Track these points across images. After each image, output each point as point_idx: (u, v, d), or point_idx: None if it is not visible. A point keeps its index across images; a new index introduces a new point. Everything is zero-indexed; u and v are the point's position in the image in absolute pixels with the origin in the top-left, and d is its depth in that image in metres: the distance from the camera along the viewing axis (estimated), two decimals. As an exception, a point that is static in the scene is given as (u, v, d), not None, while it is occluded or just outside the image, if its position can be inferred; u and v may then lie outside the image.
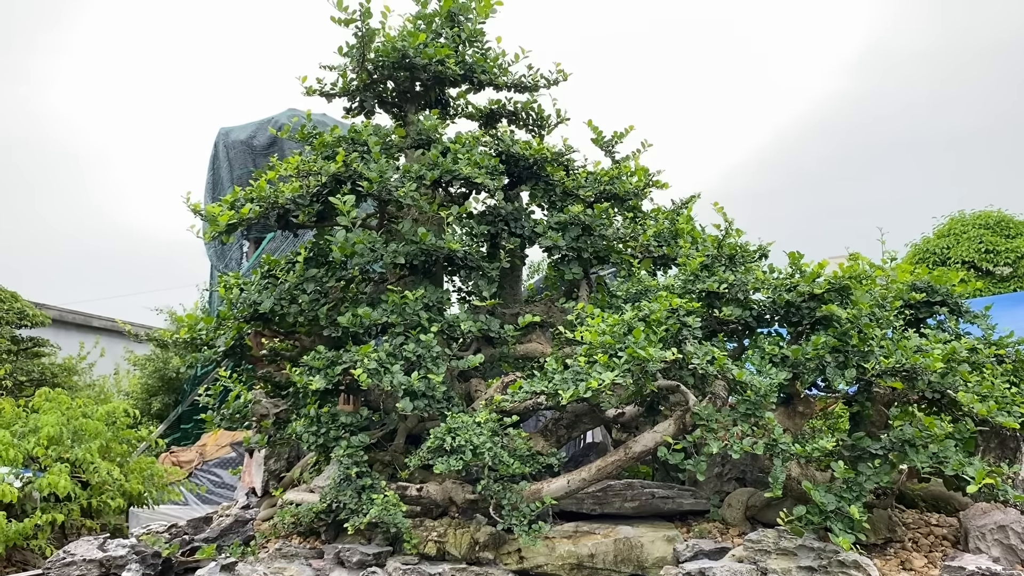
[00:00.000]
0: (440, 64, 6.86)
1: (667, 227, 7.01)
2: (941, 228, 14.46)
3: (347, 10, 6.58)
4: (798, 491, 5.24)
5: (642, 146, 7.46)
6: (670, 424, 5.49)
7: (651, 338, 5.20)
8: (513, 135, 7.29)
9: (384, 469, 6.27)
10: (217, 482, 12.00)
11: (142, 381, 15.97)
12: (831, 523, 4.85)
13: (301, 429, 6.07)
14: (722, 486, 6.18)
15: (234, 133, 15.80)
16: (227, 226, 6.36)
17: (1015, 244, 13.27)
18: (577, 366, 5.40)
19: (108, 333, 20.20)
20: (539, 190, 7.07)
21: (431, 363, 5.85)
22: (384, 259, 6.15)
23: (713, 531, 5.66)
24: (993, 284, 13.09)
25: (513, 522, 5.28)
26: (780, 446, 4.91)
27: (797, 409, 5.77)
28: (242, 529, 6.58)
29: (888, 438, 5.15)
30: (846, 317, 5.39)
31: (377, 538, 5.70)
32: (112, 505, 8.57)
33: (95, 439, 8.76)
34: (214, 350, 6.92)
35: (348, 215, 6.02)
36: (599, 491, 5.91)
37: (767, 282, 5.86)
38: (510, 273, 7.23)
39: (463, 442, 5.35)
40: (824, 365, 5.38)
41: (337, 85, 7.19)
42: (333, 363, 5.93)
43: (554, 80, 7.49)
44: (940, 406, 5.71)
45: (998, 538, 5.13)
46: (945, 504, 6.30)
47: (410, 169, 6.45)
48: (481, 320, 6.41)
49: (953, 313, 6.33)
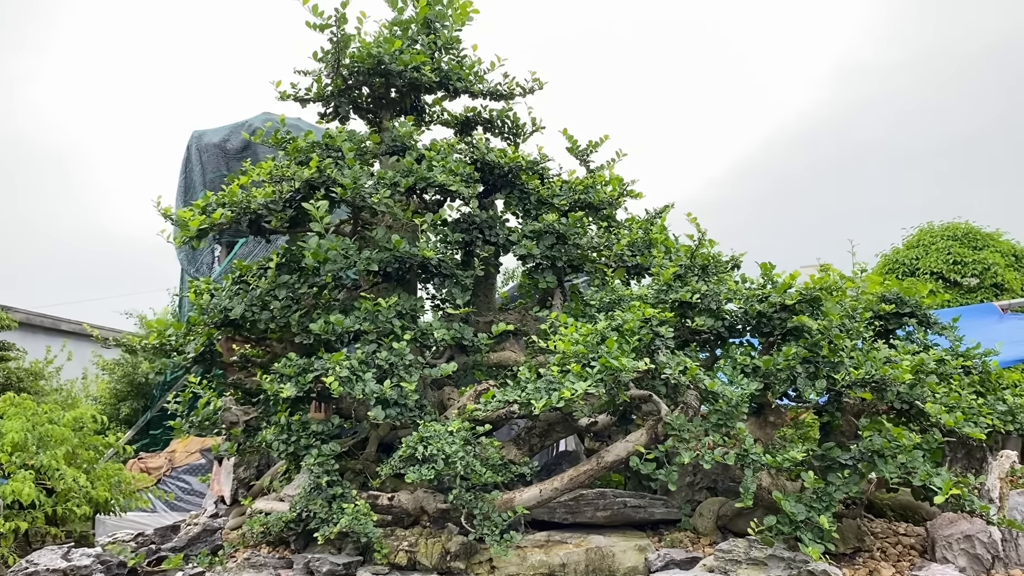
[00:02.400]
0: (416, 71, 6.85)
1: (641, 237, 7.04)
2: (910, 239, 14.63)
3: (322, 15, 6.56)
4: (768, 501, 5.27)
5: (617, 155, 7.53)
6: (642, 434, 5.51)
7: (624, 348, 5.21)
8: (488, 143, 7.30)
9: (355, 478, 6.22)
10: (186, 489, 11.81)
11: (111, 386, 15.71)
12: (801, 533, 4.89)
13: (271, 437, 5.99)
14: (693, 495, 6.20)
15: (207, 136, 15.56)
16: (198, 231, 6.28)
17: (982, 256, 13.46)
18: (550, 375, 5.39)
19: (76, 336, 19.86)
20: (514, 198, 7.08)
21: (404, 371, 5.82)
22: (358, 266, 6.12)
23: (684, 540, 5.68)
24: (961, 295, 13.26)
25: (485, 532, 5.26)
26: (751, 456, 4.94)
27: (768, 419, 5.81)
28: (210, 538, 6.49)
29: (857, 448, 5.20)
30: (817, 328, 5.44)
31: (347, 547, 5.65)
32: (78, 512, 8.41)
33: (61, 445, 8.59)
34: (184, 356, 6.84)
35: (321, 221, 5.98)
36: (571, 500, 5.91)
37: (739, 293, 5.90)
38: (484, 281, 7.23)
39: (435, 451, 5.32)
40: (795, 376, 5.43)
41: (312, 90, 7.15)
42: (305, 370, 5.88)
43: (529, 88, 7.52)
44: (908, 416, 5.79)
45: (964, 547, 5.21)
46: (913, 514, 6.37)
47: (385, 176, 6.42)
48: (455, 328, 6.39)
49: (921, 324, 6.42)
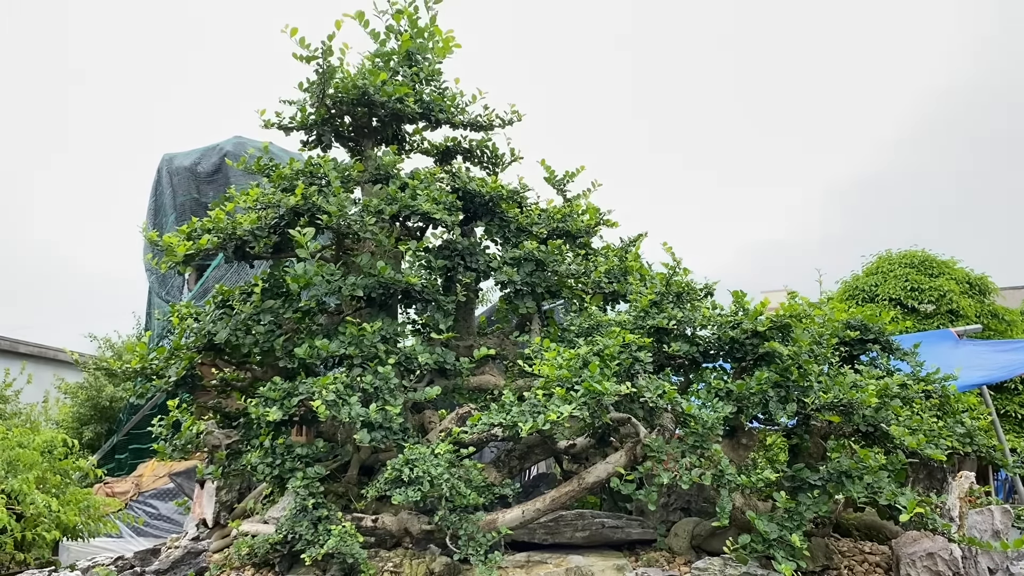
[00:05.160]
0: (399, 102, 7.03)
1: (617, 264, 7.26)
2: (869, 266, 15.08)
3: (309, 47, 6.72)
4: (742, 520, 5.46)
5: (592, 186, 7.76)
6: (622, 455, 5.68)
7: (606, 372, 5.40)
8: (469, 172, 7.48)
9: (338, 500, 6.30)
10: (153, 514, 11.69)
11: (74, 410, 15.48)
12: (774, 551, 5.08)
13: (256, 460, 6.06)
14: (668, 516, 6.38)
15: (178, 159, 15.56)
16: (185, 256, 6.37)
17: (938, 283, 13.93)
18: (534, 399, 5.55)
19: (36, 359, 19.58)
20: (494, 226, 7.27)
21: (389, 395, 5.94)
22: (343, 291, 6.24)
23: (660, 560, 5.85)
24: (918, 320, 13.70)
25: (469, 552, 5.38)
26: (727, 477, 5.13)
27: (741, 441, 6.02)
28: (194, 561, 6.50)
29: (826, 469, 5.43)
30: (787, 354, 5.67)
31: (332, 569, 5.72)
32: (48, 538, 8.34)
33: (31, 470, 8.53)
34: (165, 380, 6.87)
35: (307, 247, 6.10)
36: (551, 521, 6.05)
37: (713, 319, 6.13)
38: (464, 306, 7.38)
39: (421, 473, 5.43)
40: (767, 399, 5.65)
41: (295, 119, 7.28)
42: (290, 394, 5.97)
43: (509, 120, 7.73)
44: (873, 439, 6.03)
45: (927, 565, 5.43)
46: (878, 533, 6.61)
47: (369, 203, 6.57)
48: (437, 352, 6.53)
49: (884, 350, 6.70)
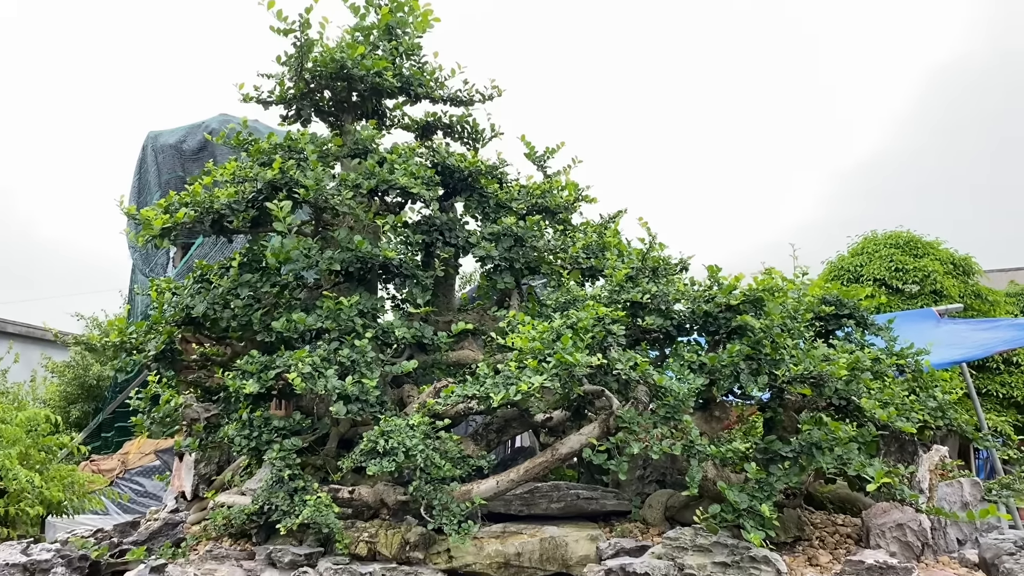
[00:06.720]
0: (378, 76, 7.02)
1: (595, 240, 7.29)
2: (855, 247, 15.15)
3: (287, 20, 6.70)
4: (714, 491, 5.53)
5: (572, 162, 7.77)
6: (595, 427, 5.74)
7: (578, 344, 5.44)
8: (448, 147, 7.49)
9: (316, 473, 6.34)
10: (139, 491, 11.75)
11: (60, 388, 15.52)
12: (744, 521, 5.15)
13: (233, 433, 6.10)
14: (643, 488, 6.45)
15: (163, 137, 15.49)
16: (161, 230, 6.38)
17: (922, 263, 14.01)
18: (508, 371, 5.59)
19: (23, 339, 19.57)
20: (473, 201, 7.29)
21: (365, 368, 5.97)
22: (320, 266, 6.26)
23: (634, 530, 5.92)
24: (902, 301, 13.78)
25: (444, 522, 5.44)
26: (697, 447, 5.20)
27: (714, 414, 6.08)
28: (172, 532, 6.55)
29: (798, 441, 5.49)
30: (760, 327, 5.72)
31: (308, 539, 5.78)
32: (31, 513, 8.38)
33: (14, 446, 8.57)
34: (144, 354, 6.90)
35: (284, 221, 6.11)
36: (527, 493, 6.11)
37: (687, 293, 6.17)
38: (443, 282, 7.41)
39: (396, 444, 5.48)
40: (739, 372, 5.70)
41: (274, 93, 7.27)
42: (267, 367, 6.00)
43: (489, 95, 7.73)
44: (846, 412, 6.09)
45: (896, 535, 5.52)
46: (851, 505, 6.69)
47: (347, 178, 6.57)
48: (415, 327, 6.56)
49: (859, 326, 6.74)
